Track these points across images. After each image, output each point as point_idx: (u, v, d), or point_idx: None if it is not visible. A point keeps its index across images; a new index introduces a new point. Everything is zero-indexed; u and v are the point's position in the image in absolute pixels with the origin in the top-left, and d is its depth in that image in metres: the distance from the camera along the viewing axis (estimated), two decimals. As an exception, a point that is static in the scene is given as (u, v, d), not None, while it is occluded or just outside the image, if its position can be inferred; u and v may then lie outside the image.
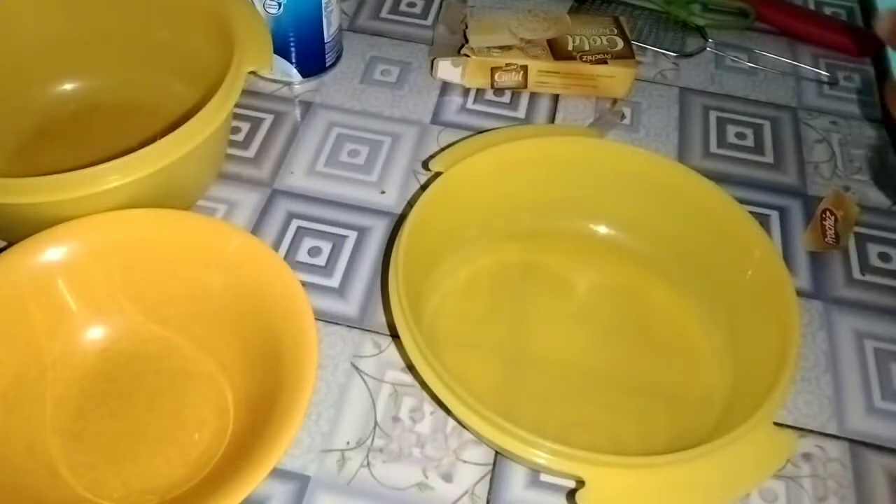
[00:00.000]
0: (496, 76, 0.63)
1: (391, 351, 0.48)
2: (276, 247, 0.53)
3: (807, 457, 0.45)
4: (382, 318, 0.50)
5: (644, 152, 0.52)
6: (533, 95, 0.64)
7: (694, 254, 0.51)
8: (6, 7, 0.56)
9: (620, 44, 0.64)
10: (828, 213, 0.55)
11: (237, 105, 0.50)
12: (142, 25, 0.58)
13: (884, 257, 0.55)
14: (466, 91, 0.64)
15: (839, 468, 0.45)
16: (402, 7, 0.71)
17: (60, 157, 0.51)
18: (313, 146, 0.59)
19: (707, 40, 0.70)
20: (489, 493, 0.43)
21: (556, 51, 0.63)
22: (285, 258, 0.52)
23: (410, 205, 0.54)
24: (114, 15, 0.58)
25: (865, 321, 0.52)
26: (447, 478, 0.44)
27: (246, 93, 0.61)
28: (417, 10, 0.71)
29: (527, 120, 0.62)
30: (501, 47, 0.63)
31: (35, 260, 0.44)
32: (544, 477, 0.44)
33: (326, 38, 0.62)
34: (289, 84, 0.63)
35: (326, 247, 0.53)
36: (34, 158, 0.57)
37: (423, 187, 0.51)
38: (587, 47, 0.63)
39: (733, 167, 0.60)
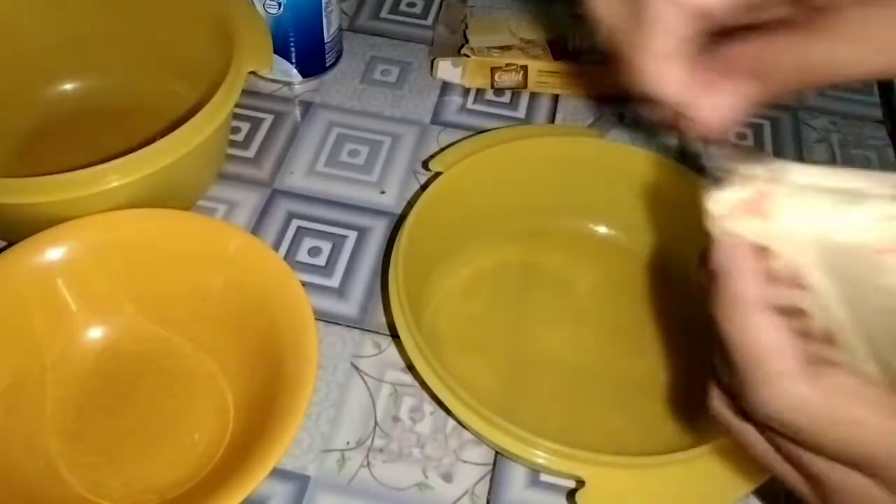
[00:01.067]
0: (496, 76, 0.63)
1: (391, 351, 0.48)
2: (276, 247, 0.53)
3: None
4: (382, 318, 0.50)
5: (644, 152, 0.52)
6: (533, 95, 0.64)
7: (694, 254, 0.51)
8: (6, 7, 0.56)
9: (620, 44, 0.64)
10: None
11: (237, 105, 0.50)
12: (142, 25, 0.58)
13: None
14: (466, 91, 0.64)
15: (839, 468, 0.45)
16: (402, 7, 0.71)
17: (60, 157, 0.51)
18: (313, 146, 0.59)
19: (707, 40, 0.70)
20: (489, 494, 0.43)
21: (556, 51, 0.63)
22: (285, 258, 0.52)
23: (410, 205, 0.54)
24: (113, 15, 0.58)
25: (865, 321, 0.51)
26: (447, 478, 0.44)
27: (246, 93, 0.61)
28: (417, 9, 0.71)
29: (527, 120, 0.62)
30: (501, 47, 0.63)
31: (35, 260, 0.44)
32: (544, 477, 0.44)
33: (326, 37, 0.62)
34: (289, 84, 0.63)
35: (326, 247, 0.53)
36: (34, 158, 0.57)
37: (423, 187, 0.51)
38: (587, 47, 0.63)
39: (733, 167, 0.60)
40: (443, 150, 0.53)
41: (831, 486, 0.28)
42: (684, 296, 0.51)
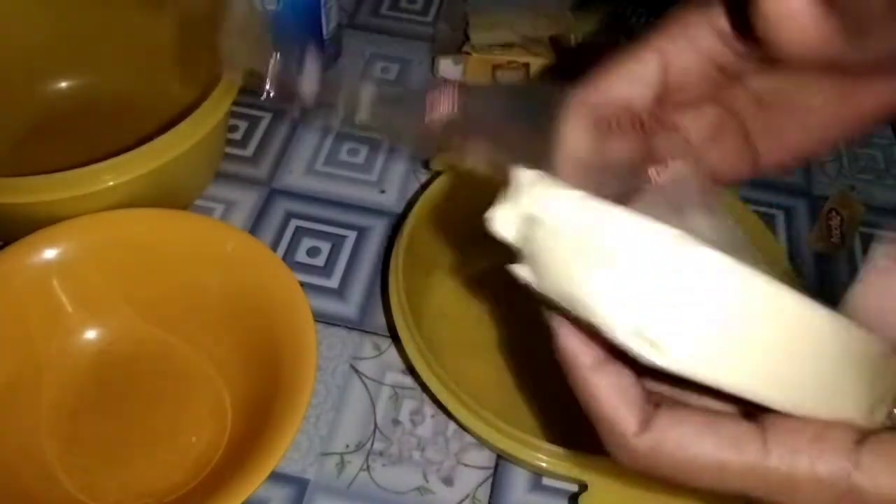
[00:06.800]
0: (497, 74, 0.62)
1: (391, 353, 0.48)
2: (275, 247, 0.52)
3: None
4: (382, 320, 0.49)
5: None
6: (534, 93, 0.64)
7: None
8: (1, 5, 0.56)
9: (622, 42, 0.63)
10: (833, 213, 0.54)
11: (235, 103, 0.49)
12: (138, 23, 0.58)
13: (889, 257, 0.55)
14: (467, 89, 0.63)
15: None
16: (402, 4, 0.70)
17: (56, 155, 0.50)
18: (312, 145, 0.59)
19: (710, 38, 0.69)
20: (490, 498, 0.43)
21: (558, 48, 0.62)
22: (284, 258, 0.51)
23: (410, 205, 0.54)
24: (109, 12, 0.58)
25: (871, 322, 0.51)
26: (448, 481, 0.43)
27: (243, 91, 0.60)
28: (418, 6, 0.70)
29: (528, 118, 0.62)
30: (503, 45, 0.62)
31: (30, 260, 0.43)
32: (546, 480, 0.43)
33: (325, 34, 0.61)
34: (288, 82, 0.63)
35: (325, 247, 0.53)
36: (29, 157, 0.56)
37: (423, 187, 0.50)
38: (589, 45, 0.63)
39: (737, 166, 0.60)
40: (443, 148, 0.52)
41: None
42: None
